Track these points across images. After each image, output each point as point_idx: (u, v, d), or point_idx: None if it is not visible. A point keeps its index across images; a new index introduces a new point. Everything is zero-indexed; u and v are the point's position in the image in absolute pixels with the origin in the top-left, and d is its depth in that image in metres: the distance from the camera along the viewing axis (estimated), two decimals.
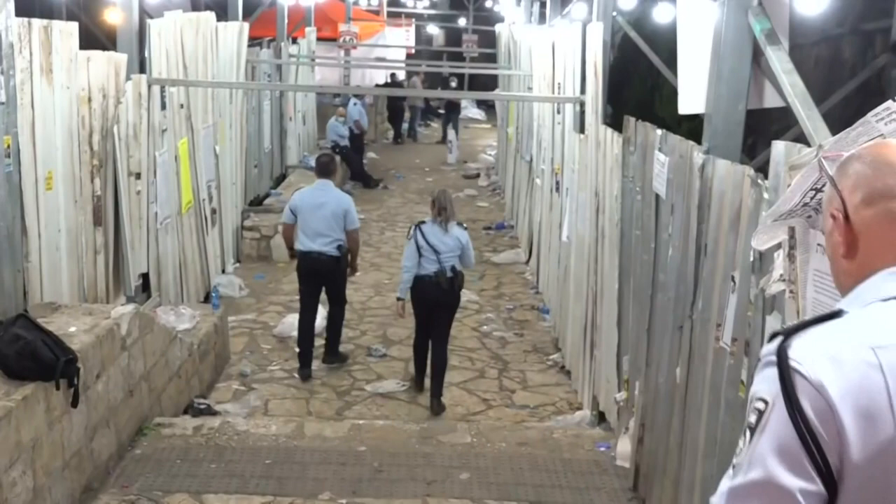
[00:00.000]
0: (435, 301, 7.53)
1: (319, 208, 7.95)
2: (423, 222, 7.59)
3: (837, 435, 1.38)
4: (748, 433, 1.47)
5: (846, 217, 1.61)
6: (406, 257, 7.53)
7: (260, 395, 7.69)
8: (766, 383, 1.46)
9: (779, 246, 2.91)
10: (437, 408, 7.48)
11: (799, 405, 1.40)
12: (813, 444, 1.39)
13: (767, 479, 1.40)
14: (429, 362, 7.76)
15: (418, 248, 7.42)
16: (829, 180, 1.68)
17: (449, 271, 7.41)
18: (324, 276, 8.08)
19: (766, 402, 1.45)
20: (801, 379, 1.41)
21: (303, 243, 8.01)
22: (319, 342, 8.38)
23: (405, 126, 25.43)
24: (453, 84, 26.82)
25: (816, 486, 1.39)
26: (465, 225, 7.89)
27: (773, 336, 1.51)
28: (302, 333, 8.23)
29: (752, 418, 1.47)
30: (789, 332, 1.49)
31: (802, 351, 1.44)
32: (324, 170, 8.33)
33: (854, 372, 1.40)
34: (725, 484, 1.49)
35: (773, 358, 1.46)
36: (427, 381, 7.76)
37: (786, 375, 1.43)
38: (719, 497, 1.48)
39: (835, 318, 1.52)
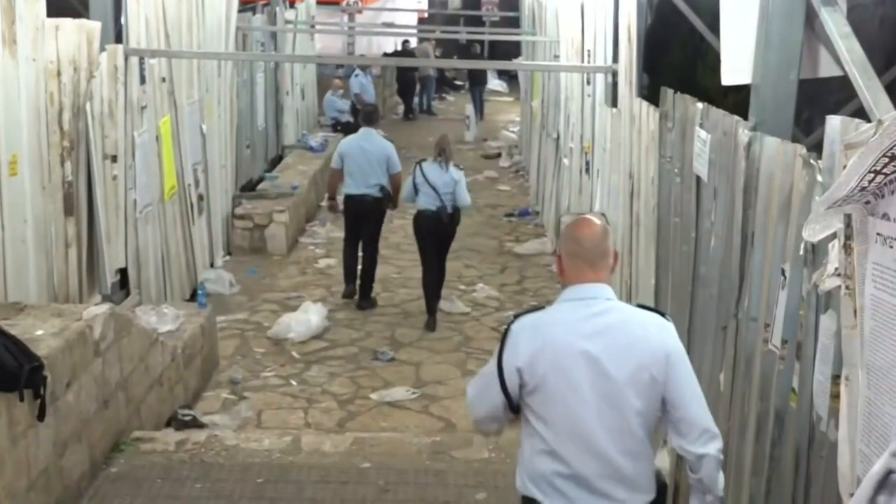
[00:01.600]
0: (435, 232, 9.53)
1: (365, 153, 9.92)
2: (424, 160, 9.57)
3: (516, 370, 3.29)
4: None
5: (560, 259, 3.42)
6: (404, 189, 9.70)
7: (252, 405, 7.70)
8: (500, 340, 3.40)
9: (833, 236, 2.87)
10: (433, 323, 9.62)
11: (501, 355, 3.33)
12: (500, 376, 3.31)
13: (486, 389, 3.40)
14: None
15: (415, 184, 9.38)
16: (556, 237, 3.09)
17: (449, 208, 9.37)
18: (366, 216, 10.03)
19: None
20: (510, 339, 3.34)
21: (349, 186, 10.01)
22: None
23: (416, 100, 25.38)
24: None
25: (503, 396, 3.34)
26: (461, 166, 9.81)
27: (513, 315, 3.44)
28: (346, 260, 10.37)
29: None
30: (518, 314, 3.42)
31: (517, 325, 3.36)
32: (368, 118, 10.58)
33: (529, 336, 3.30)
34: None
35: (506, 326, 3.39)
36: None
37: (505, 338, 3.35)
38: (468, 389, 3.55)
39: (539, 310, 3.42)
